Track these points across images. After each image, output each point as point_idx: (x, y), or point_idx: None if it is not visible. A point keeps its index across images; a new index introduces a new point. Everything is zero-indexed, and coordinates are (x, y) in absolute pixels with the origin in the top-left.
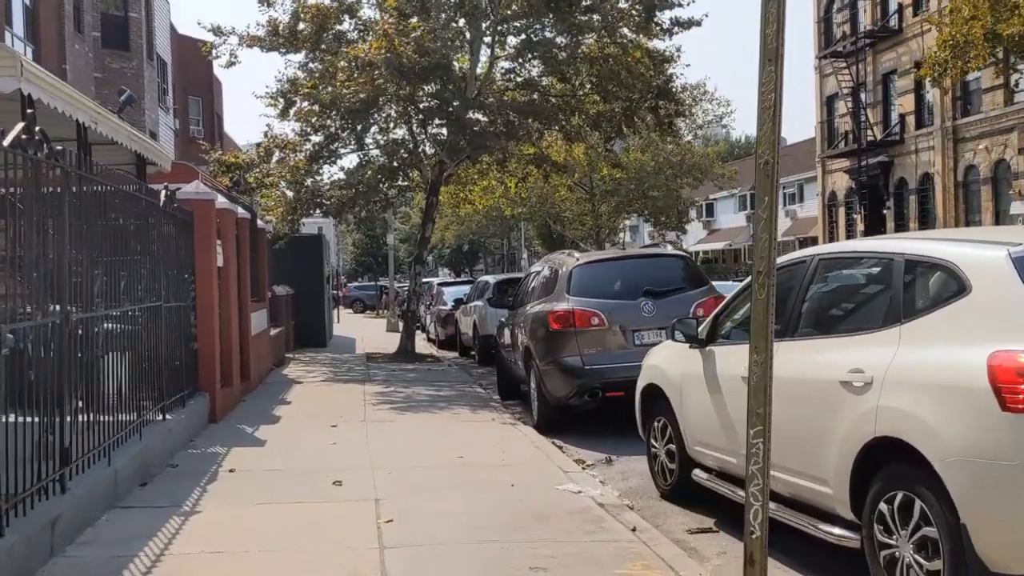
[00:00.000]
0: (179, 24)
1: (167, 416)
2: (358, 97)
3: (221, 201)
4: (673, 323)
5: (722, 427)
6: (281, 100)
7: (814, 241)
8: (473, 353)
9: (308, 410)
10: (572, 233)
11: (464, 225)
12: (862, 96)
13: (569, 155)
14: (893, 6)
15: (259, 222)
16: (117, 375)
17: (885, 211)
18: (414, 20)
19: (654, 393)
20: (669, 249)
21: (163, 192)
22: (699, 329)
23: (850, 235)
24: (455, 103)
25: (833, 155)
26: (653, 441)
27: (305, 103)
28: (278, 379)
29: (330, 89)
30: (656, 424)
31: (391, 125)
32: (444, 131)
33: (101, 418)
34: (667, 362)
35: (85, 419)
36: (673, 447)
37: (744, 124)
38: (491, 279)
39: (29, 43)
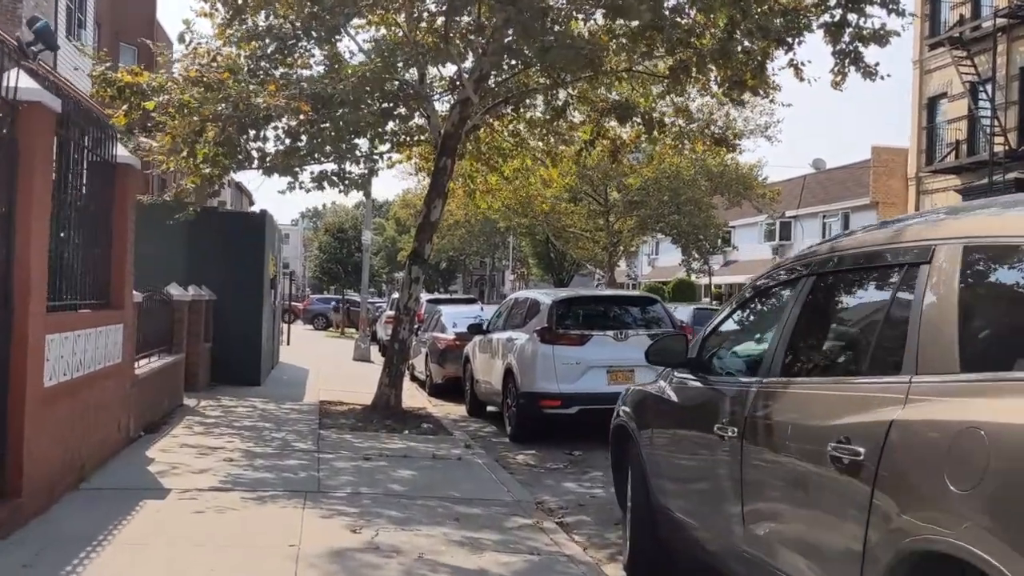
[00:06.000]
0: None
1: None
2: None
3: None
4: None
5: None
6: (221, 7)
7: None
8: (494, 410)
9: None
10: (578, 253)
11: (445, 239)
12: (987, 95)
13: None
14: None
15: (120, 150)
16: None
17: None
18: None
19: None
20: None
21: None
22: None
23: None
24: None
25: (940, 170)
26: None
27: None
28: (121, 478)
29: None
30: None
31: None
32: (478, 34)
33: None
34: None
35: None
36: None
37: (789, 137)
38: (543, 297)
39: None
